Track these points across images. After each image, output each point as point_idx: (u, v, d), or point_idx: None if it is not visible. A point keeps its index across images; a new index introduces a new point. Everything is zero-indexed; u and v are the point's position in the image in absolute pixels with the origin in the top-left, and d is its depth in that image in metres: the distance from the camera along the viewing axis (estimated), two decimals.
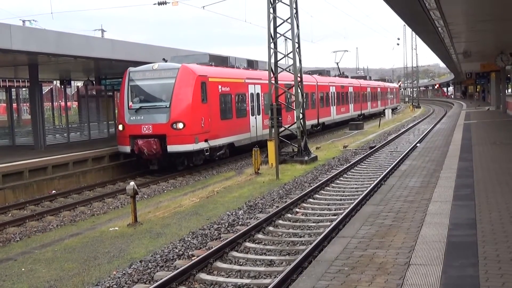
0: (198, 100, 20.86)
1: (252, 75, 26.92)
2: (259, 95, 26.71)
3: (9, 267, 10.25)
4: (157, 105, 20.84)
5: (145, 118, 20.52)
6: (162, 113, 20.30)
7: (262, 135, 26.07)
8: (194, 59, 23.19)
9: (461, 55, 30.50)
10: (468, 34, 20.88)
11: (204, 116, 21.15)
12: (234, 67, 26.52)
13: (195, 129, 20.48)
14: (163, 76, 20.91)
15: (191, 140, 20.28)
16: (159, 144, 19.97)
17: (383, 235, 7.84)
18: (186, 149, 20.47)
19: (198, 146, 20.67)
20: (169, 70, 20.86)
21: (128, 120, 20.79)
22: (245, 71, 27.15)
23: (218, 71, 23.61)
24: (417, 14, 14.56)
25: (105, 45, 24.94)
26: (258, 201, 14.78)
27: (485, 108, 47.62)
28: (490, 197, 9.90)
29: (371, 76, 78.04)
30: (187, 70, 20.89)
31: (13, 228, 14.11)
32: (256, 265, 9.64)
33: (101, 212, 15.95)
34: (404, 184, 12.01)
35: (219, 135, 22.44)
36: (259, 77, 26.89)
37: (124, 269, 9.50)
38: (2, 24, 18.66)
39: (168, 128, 19.99)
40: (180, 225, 12.62)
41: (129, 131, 20.69)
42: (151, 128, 20.22)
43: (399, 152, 24.06)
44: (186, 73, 20.72)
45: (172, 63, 21.74)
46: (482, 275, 5.92)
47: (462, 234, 7.55)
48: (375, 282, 5.97)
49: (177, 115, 20.11)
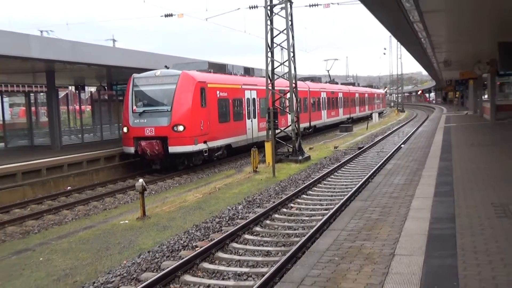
0: (198, 105, 20.75)
1: (248, 81, 26.74)
2: (255, 100, 26.58)
3: (28, 257, 10.27)
4: (159, 109, 20.68)
5: (148, 121, 20.43)
6: (164, 117, 20.21)
7: (258, 137, 26.09)
8: (194, 66, 23.08)
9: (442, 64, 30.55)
10: (448, 45, 20.91)
11: (203, 119, 21.03)
12: (231, 74, 26.31)
13: (195, 132, 20.40)
14: (165, 82, 20.76)
15: (191, 141, 20.22)
16: (161, 145, 19.95)
17: (370, 228, 7.86)
18: (186, 150, 20.39)
19: (197, 147, 20.59)
20: (170, 76, 20.76)
21: (132, 123, 20.68)
22: (242, 78, 26.95)
23: (216, 77, 23.46)
24: (402, 26, 14.59)
25: (116, 54, 24.96)
26: (256, 197, 14.80)
27: (463, 112, 47.68)
28: (468, 194, 9.93)
29: (360, 83, 77.99)
30: (187, 76, 20.79)
31: (32, 221, 14.11)
32: (254, 255, 9.67)
33: (113, 207, 15.96)
34: (390, 182, 12.03)
35: (217, 137, 22.31)
36: (255, 83, 26.89)
37: (133, 258, 9.53)
38: (21, 34, 18.64)
39: (169, 131, 19.91)
40: (184, 218, 12.66)
41: (133, 133, 20.59)
42: (154, 131, 20.15)
43: (385, 152, 24.08)
44: (186, 79, 20.62)
45: (173, 70, 21.61)
46: (460, 264, 5.95)
47: (442, 227, 7.58)
48: (363, 271, 5.99)
49: (177, 118, 20.02)
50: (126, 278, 8.53)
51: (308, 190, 15.47)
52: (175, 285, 8.23)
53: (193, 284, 8.24)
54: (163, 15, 25.79)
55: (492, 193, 9.85)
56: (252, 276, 8.49)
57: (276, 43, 22.68)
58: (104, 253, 10.10)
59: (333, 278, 5.83)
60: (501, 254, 6.27)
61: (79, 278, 8.74)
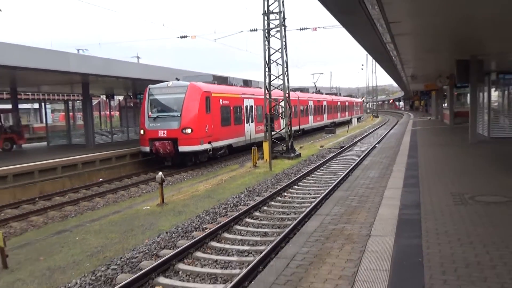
0: (203, 111, 20.60)
1: (246, 91, 26.37)
2: (252, 107, 26.37)
3: (66, 237, 10.28)
4: (170, 114, 20.47)
5: (161, 125, 20.31)
6: (175, 121, 20.11)
7: (255, 138, 26.01)
8: (201, 79, 22.99)
9: (410, 77, 30.51)
10: (415, 62, 20.89)
11: (208, 123, 20.92)
12: (232, 85, 26.02)
13: (200, 134, 20.29)
14: (175, 91, 20.60)
15: (197, 142, 20.18)
16: (172, 145, 19.91)
17: (350, 214, 7.87)
18: (193, 149, 20.30)
19: (203, 147, 20.49)
20: (180, 87, 20.65)
21: (148, 126, 20.56)
22: (241, 88, 26.58)
23: (219, 88, 23.22)
24: (376, 46, 14.60)
25: (139, 69, 24.98)
26: (256, 187, 14.81)
27: (427, 118, 47.67)
28: (431, 185, 9.95)
29: (341, 93, 77.93)
30: (194, 87, 20.67)
31: (70, 207, 14.12)
32: (254, 235, 9.68)
33: (137, 195, 15.96)
34: (366, 175, 12.05)
35: (220, 138, 22.14)
36: (253, 93, 26.71)
37: (154, 238, 9.54)
38: (62, 52, 18.67)
39: (179, 133, 19.87)
40: (196, 205, 12.66)
41: (148, 135, 20.49)
42: (166, 133, 20.08)
43: (362, 150, 24.09)
44: (194, 90, 20.50)
45: (182, 82, 21.42)
46: (424, 243, 5.97)
47: (409, 213, 7.59)
48: (344, 249, 6.01)
49: (186, 122, 19.97)
50: (148, 254, 8.55)
51: (299, 181, 15.47)
52: (188, 260, 8.24)
53: (203, 259, 8.25)
54: (179, 37, 25.90)
55: (450, 185, 9.87)
56: (252, 253, 8.51)
57: (272, 60, 22.65)
58: (130, 233, 10.11)
59: (319, 254, 5.84)
60: (458, 235, 6.29)
61: (109, 254, 8.75)
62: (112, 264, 8.02)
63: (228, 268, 7.81)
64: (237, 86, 26.59)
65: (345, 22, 10.87)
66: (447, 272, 4.99)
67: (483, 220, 6.99)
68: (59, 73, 18.77)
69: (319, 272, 5.26)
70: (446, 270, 5.06)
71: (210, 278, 7.41)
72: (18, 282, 7.53)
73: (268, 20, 21.98)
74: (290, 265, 5.52)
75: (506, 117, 20.12)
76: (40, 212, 13.42)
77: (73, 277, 7.62)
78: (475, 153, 15.24)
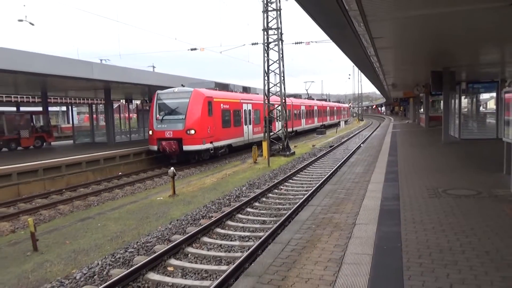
0: (206, 114, 20.29)
1: (245, 97, 26.01)
2: (250, 111, 25.95)
3: (89, 223, 10.27)
4: (176, 117, 20.11)
5: (168, 126, 20.03)
6: (180, 123, 19.84)
7: (253, 139, 25.81)
8: (204, 85, 22.69)
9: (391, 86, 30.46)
10: (395, 72, 20.87)
11: (210, 125, 20.61)
12: (232, 91, 25.59)
13: (203, 134, 20.00)
14: (181, 97, 20.21)
15: (200, 142, 19.91)
16: (177, 145, 19.69)
17: (338, 204, 7.86)
18: (196, 148, 20.02)
19: (205, 146, 20.20)
20: (185, 92, 20.29)
21: (156, 127, 20.30)
22: (240, 94, 26.14)
23: (220, 93, 22.84)
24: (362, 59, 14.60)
25: (154, 76, 24.93)
26: (256, 181, 14.79)
27: (405, 121, 47.65)
28: (408, 180, 9.93)
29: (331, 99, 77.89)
30: (198, 92, 20.35)
31: (93, 197, 14.12)
32: (253, 223, 9.67)
33: (151, 187, 15.96)
34: (352, 171, 12.04)
35: (220, 138, 21.81)
36: (251, 98, 26.44)
37: (166, 225, 9.53)
38: (87, 62, 18.65)
39: (184, 134, 19.64)
40: (203, 196, 12.65)
41: (156, 135, 20.22)
42: (172, 133, 19.85)
43: (349, 149, 24.05)
44: (197, 95, 20.18)
45: (187, 88, 20.98)
46: (403, 231, 5.95)
47: (390, 204, 7.58)
48: (333, 235, 5.99)
49: (190, 124, 19.69)
50: (161, 239, 8.53)
51: (293, 176, 15.45)
52: (196, 245, 8.22)
53: (209, 244, 8.24)
54: (189, 49, 25.76)
55: (426, 180, 9.85)
56: (252, 238, 8.49)
57: (271, 69, 22.63)
58: (145, 220, 10.11)
59: (311, 240, 5.83)
60: (432, 224, 6.27)
61: (127, 238, 8.74)
62: (129, 248, 8.01)
63: (231, 252, 7.80)
64: (236, 92, 26.14)
65: (334, 37, 10.86)
66: (422, 256, 4.98)
67: (454, 211, 6.98)
68: (84, 80, 18.76)
69: (310, 255, 5.24)
70: (422, 254, 5.05)
71: (215, 260, 7.40)
72: (46, 263, 7.52)
73: (268, 35, 21.95)
74: (286, 249, 5.50)
75: (474, 121, 20.17)
76: (66, 201, 13.41)
77: (95, 258, 7.61)
78: (447, 152, 15.21)
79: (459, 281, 4.28)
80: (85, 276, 6.78)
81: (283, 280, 4.52)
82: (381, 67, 16.78)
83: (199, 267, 7.06)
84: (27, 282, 6.76)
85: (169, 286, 6.40)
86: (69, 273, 6.95)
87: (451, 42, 10.99)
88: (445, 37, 10.21)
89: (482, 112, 21.69)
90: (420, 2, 6.83)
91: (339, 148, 26.00)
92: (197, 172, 19.22)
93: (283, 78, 22.65)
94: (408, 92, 36.83)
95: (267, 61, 22.31)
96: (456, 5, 7.05)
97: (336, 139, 33.96)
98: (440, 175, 10.40)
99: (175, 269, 7.07)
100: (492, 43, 11.37)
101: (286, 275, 4.65)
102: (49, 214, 12.06)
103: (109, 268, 7.06)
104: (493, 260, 4.79)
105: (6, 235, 10.11)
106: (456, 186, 8.98)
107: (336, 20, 8.34)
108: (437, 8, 7.17)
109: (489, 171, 10.60)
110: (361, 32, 8.97)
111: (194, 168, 20.04)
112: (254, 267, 4.96)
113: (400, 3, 6.94)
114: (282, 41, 22.12)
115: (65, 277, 6.78)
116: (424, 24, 8.60)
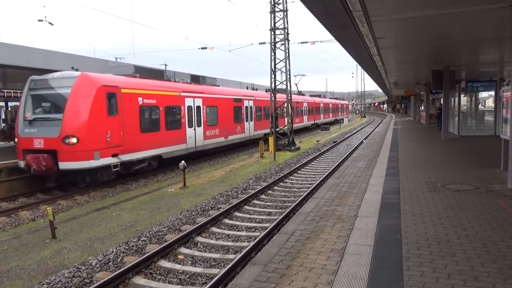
0: (101, 112, 12.71)
1: (192, 89, 18.38)
2: (200, 108, 18.69)
3: (105, 213, 10.35)
4: (50, 117, 12.63)
5: (38, 131, 12.48)
6: (54, 126, 12.24)
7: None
8: (119, 71, 15.57)
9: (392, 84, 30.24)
10: (397, 71, 20.71)
11: (112, 129, 13.11)
12: (170, 81, 17.74)
13: (94, 145, 12.46)
14: (61, 85, 12.75)
15: (88, 156, 12.32)
16: (50, 160, 12.11)
17: (341, 197, 7.84)
18: (80, 166, 12.30)
19: (99, 162, 12.65)
20: (67, 78, 12.74)
21: (21, 132, 12.74)
22: (183, 85, 18.02)
23: (140, 82, 15.00)
24: (365, 58, 14.50)
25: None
26: (262, 174, 14.79)
27: (406, 118, 47.26)
28: (408, 174, 9.87)
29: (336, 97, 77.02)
30: (87, 78, 12.70)
31: (108, 189, 14.18)
32: (260, 214, 9.68)
33: (163, 180, 16.01)
34: (355, 165, 11.98)
35: (137, 149, 14.44)
36: (202, 91, 19.14)
37: (176, 215, 9.57)
38: (103, 60, 18.85)
39: (59, 143, 12.07)
40: (212, 188, 12.68)
41: (22, 144, 12.63)
42: (43, 143, 12.27)
43: (352, 145, 23.97)
44: (85, 82, 12.59)
45: (73, 72, 13.18)
46: (403, 223, 5.92)
47: (390, 198, 7.54)
48: (335, 227, 5.98)
49: (69, 128, 12.10)
50: (172, 228, 8.58)
51: (298, 170, 15.44)
52: (205, 234, 8.26)
53: (218, 234, 8.27)
54: (200, 48, 25.67)
55: (425, 174, 9.79)
56: (258, 229, 8.51)
57: (277, 68, 22.57)
58: (157, 211, 10.16)
59: (314, 231, 5.82)
60: (431, 217, 6.23)
61: (139, 228, 8.80)
62: (142, 236, 8.06)
63: (238, 241, 7.82)
64: (177, 82, 18.22)
65: (339, 37, 10.79)
66: (421, 248, 4.95)
67: (452, 204, 6.92)
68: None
69: (314, 246, 5.24)
70: (421, 246, 5.02)
71: (223, 249, 7.42)
72: (64, 250, 7.61)
73: (275, 35, 21.86)
74: (290, 240, 5.50)
75: (473, 119, 19.99)
76: (83, 192, 13.51)
77: (110, 246, 7.68)
78: (446, 149, 15.08)
79: (456, 272, 4.25)
80: (100, 262, 6.84)
81: (288, 269, 4.53)
82: (383, 66, 16.65)
83: (208, 255, 7.09)
84: (46, 268, 6.85)
85: (180, 273, 6.44)
86: (85, 260, 7.02)
87: (451, 42, 10.88)
88: (445, 37, 10.11)
89: (480, 110, 21.43)
90: (422, 3, 6.76)
91: (342, 143, 25.89)
92: (206, 166, 19.24)
93: (289, 76, 22.58)
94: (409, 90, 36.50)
95: (274, 60, 22.24)
96: (458, 6, 6.96)
97: (339, 135, 33.81)
98: (439, 170, 10.32)
99: (185, 257, 7.11)
100: (492, 44, 11.23)
101: (291, 264, 4.66)
102: (67, 204, 12.15)
103: (123, 256, 7.12)
104: (489, 253, 4.75)
105: (27, 224, 10.23)
106: (454, 181, 8.90)
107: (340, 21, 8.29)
108: (439, 9, 7.09)
109: (486, 167, 10.50)
110: (365, 32, 8.91)
111: (204, 162, 20.05)
112: (260, 256, 4.97)
113: (402, 5, 6.87)
114: (288, 40, 22.05)
115: (82, 263, 6.86)
116: (425, 25, 8.52)
